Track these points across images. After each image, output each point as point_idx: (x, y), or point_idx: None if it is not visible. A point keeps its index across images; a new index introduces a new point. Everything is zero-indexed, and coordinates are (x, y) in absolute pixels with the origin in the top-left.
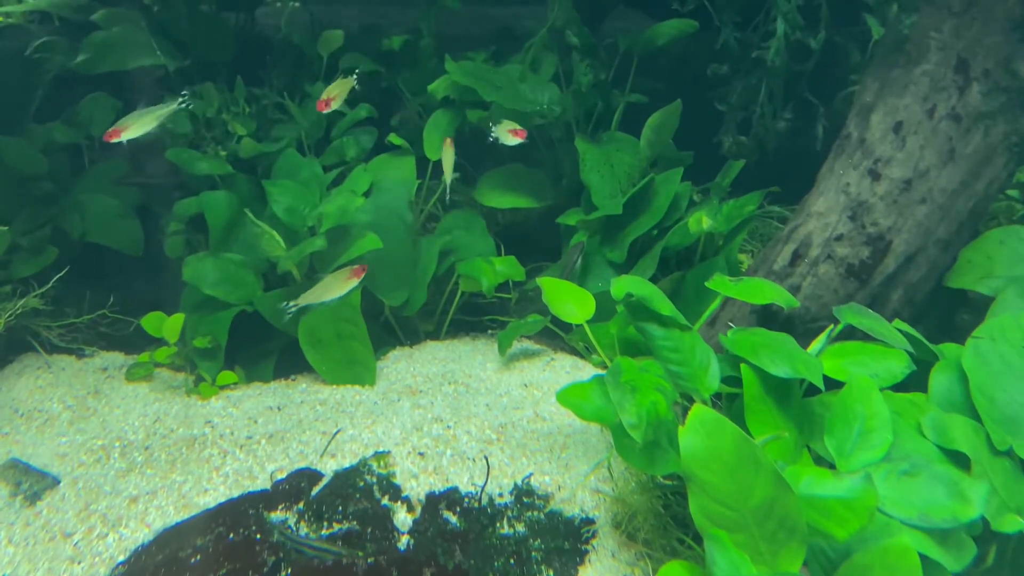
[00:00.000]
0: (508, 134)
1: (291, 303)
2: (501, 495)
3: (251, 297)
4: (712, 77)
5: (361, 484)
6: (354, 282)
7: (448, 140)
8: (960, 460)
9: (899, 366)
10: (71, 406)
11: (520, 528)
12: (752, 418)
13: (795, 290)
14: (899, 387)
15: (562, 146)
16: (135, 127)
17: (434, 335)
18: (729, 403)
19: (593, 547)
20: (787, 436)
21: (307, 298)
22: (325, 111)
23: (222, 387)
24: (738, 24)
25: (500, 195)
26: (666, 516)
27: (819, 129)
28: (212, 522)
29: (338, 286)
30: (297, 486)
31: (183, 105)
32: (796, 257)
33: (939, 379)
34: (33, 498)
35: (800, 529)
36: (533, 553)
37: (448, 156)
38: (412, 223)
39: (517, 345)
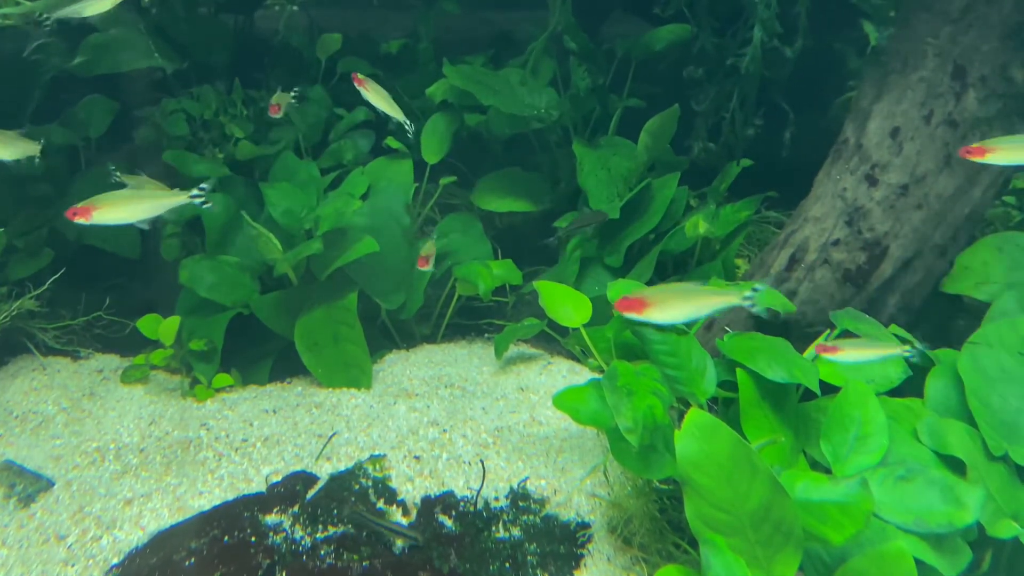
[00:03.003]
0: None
1: None
2: (497, 499)
3: (247, 300)
4: (688, 80)
5: (356, 487)
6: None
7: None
8: (956, 465)
9: (895, 371)
10: (66, 408)
11: (516, 532)
12: (748, 422)
13: (792, 295)
14: (895, 392)
15: (559, 150)
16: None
17: (431, 338)
18: (725, 407)
19: (589, 551)
20: (783, 440)
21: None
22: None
23: (218, 390)
24: (716, 30)
25: (498, 198)
26: (662, 520)
27: (786, 135)
28: (207, 525)
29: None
30: (292, 489)
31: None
32: (793, 262)
33: (935, 384)
34: (27, 500)
35: (796, 533)
36: (528, 557)
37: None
38: (409, 226)
39: (514, 349)
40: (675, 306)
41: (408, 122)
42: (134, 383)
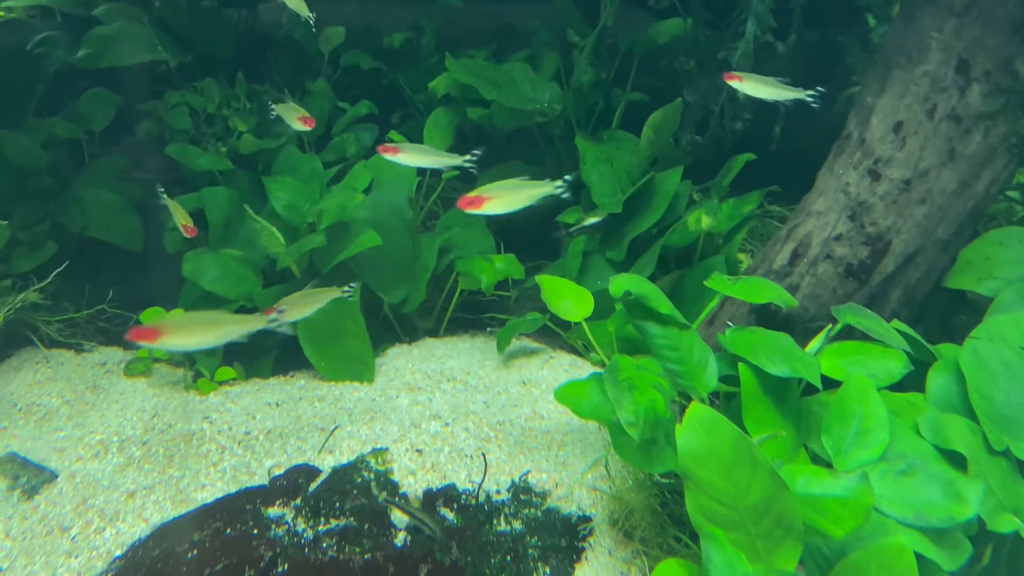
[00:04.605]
0: (296, 120)
1: None
2: (498, 492)
3: (250, 293)
4: (679, 72)
5: (359, 480)
6: None
7: None
8: (957, 460)
9: (897, 366)
10: (69, 401)
11: (517, 525)
12: (749, 417)
13: (794, 289)
14: (897, 387)
15: (563, 144)
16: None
17: (433, 332)
18: (727, 402)
19: (590, 545)
20: (784, 435)
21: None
22: None
23: (221, 383)
24: (709, 22)
25: None
26: (663, 514)
27: (776, 130)
28: (209, 517)
29: None
30: (295, 482)
31: None
32: (795, 256)
33: (937, 379)
34: (31, 492)
35: (796, 527)
36: (530, 550)
37: None
38: (412, 220)
39: (516, 343)
40: (192, 333)
41: (311, 15)
42: (137, 376)
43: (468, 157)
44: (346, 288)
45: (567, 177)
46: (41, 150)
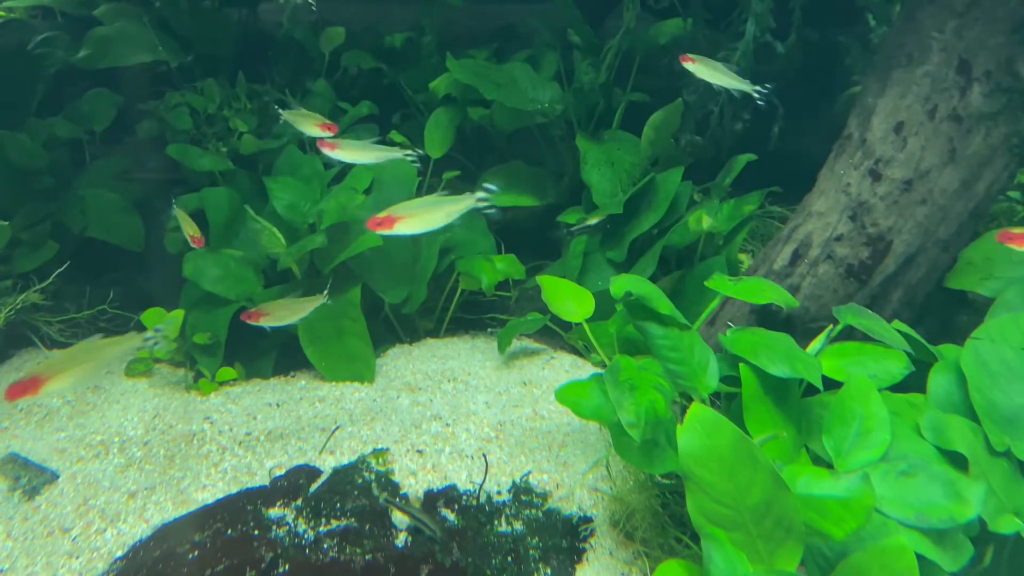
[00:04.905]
0: (315, 127)
1: None
2: (499, 493)
3: (251, 293)
4: (679, 72)
5: (359, 481)
6: None
7: None
8: (958, 461)
9: (898, 367)
10: (70, 401)
11: (518, 526)
12: (750, 417)
13: (795, 290)
14: (898, 388)
15: (563, 144)
16: None
17: (434, 333)
18: (728, 402)
19: (591, 545)
20: (785, 436)
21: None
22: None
23: (221, 383)
24: (709, 22)
25: (501, 193)
26: (664, 515)
27: (775, 129)
28: (210, 518)
29: None
30: (296, 483)
31: None
32: (796, 257)
33: (938, 380)
34: (32, 493)
35: (797, 528)
36: (531, 551)
37: None
38: None
39: (516, 343)
40: (71, 370)
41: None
42: (138, 376)
43: (408, 152)
44: (327, 292)
45: (489, 186)
46: (42, 150)
